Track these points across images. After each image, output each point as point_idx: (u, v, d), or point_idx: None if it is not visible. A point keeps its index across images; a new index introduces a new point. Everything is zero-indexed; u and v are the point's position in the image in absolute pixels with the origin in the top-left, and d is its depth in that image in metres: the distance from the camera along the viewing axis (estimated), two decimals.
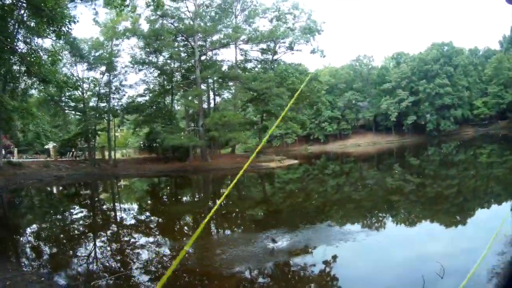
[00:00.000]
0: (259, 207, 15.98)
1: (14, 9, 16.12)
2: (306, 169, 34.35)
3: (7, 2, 16.25)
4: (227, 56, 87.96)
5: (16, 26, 17.12)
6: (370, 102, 74.85)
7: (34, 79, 17.85)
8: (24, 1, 13.03)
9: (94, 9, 20.90)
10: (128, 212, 17.33)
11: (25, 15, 16.72)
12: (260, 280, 6.77)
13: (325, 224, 10.33)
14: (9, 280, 6.77)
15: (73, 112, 42.01)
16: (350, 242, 8.21)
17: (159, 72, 43.63)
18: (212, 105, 47.92)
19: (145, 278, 7.26)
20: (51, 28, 14.21)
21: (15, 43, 16.08)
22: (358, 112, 75.63)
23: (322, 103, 50.84)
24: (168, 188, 29.10)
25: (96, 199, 23.03)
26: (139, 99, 43.57)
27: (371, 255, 7.49)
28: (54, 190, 27.45)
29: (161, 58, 43.19)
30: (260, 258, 7.52)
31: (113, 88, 40.93)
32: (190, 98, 39.69)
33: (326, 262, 7.11)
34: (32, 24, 15.48)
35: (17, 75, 19.57)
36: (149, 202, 21.22)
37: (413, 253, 7.42)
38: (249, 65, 47.26)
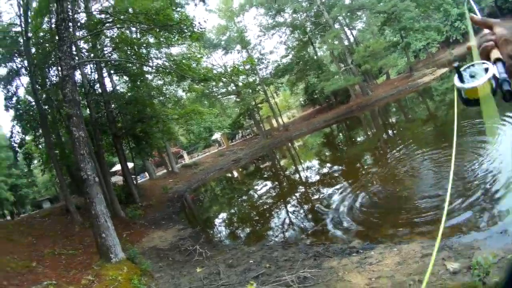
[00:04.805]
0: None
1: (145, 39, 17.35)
2: None
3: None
4: None
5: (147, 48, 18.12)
6: None
7: (188, 81, 18.23)
8: (151, 26, 13.53)
9: (203, 0, 20.75)
10: (313, 169, 17.73)
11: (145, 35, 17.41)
12: None
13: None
14: (231, 258, 7.53)
15: (226, 97, 44.07)
16: None
17: (291, 29, 44.16)
18: (351, 40, 46.86)
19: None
20: (182, 36, 14.62)
21: (149, 61, 17.16)
22: (481, 1, 63.20)
23: (445, 2, 46.86)
24: (341, 133, 29.29)
25: (278, 166, 24.00)
26: (284, 60, 44.94)
27: None
28: (235, 174, 28.68)
29: (286, 16, 43.90)
30: None
31: (256, 60, 42.08)
32: (330, 41, 39.20)
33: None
34: (162, 39, 15.84)
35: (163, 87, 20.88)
36: (330, 153, 21.26)
37: None
38: None
